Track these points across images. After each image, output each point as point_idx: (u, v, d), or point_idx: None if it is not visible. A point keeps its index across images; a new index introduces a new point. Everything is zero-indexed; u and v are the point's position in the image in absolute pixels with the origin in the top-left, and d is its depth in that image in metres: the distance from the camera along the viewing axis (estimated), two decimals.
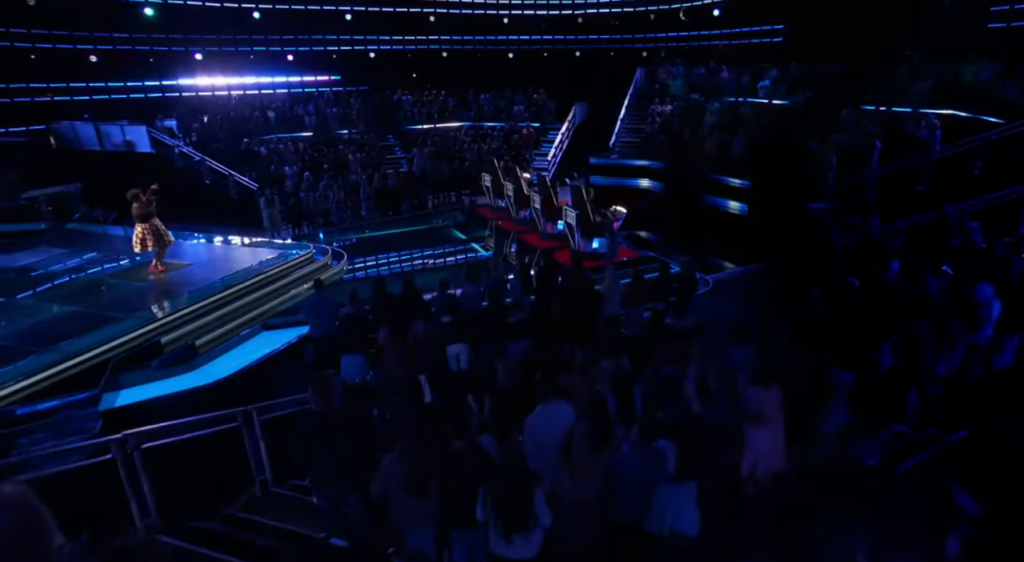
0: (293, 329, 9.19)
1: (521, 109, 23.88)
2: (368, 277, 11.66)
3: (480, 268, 10.58)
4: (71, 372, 7.17)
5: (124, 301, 9.11)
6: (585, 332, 8.44)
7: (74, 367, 7.23)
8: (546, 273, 9.30)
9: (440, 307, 8.47)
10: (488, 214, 15.93)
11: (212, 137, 19.11)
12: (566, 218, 11.96)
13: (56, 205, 14.75)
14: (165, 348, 8.11)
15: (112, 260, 11.08)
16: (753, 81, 21.84)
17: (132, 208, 9.81)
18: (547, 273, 9.30)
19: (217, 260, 11.11)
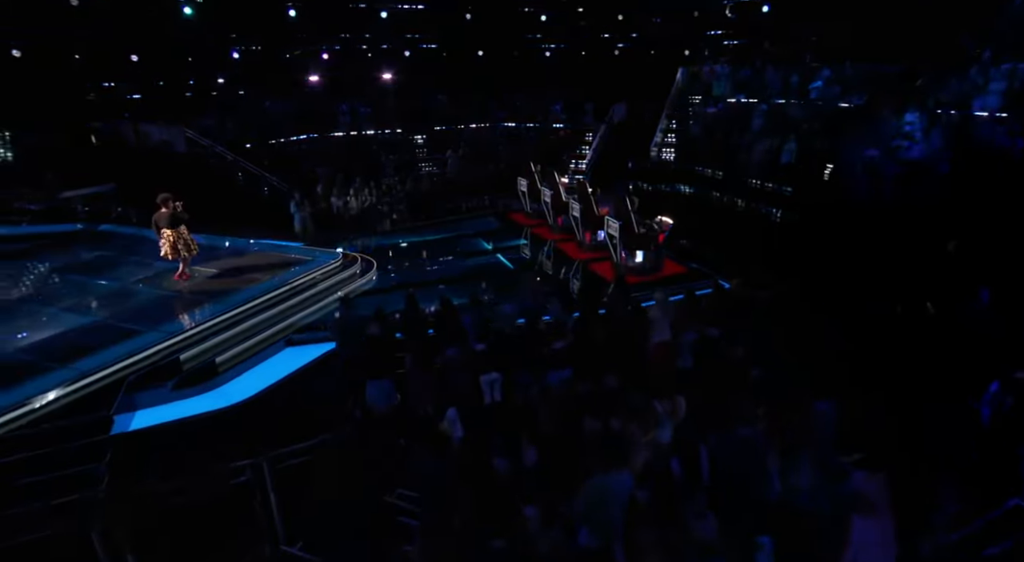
0: (318, 346, 8.72)
1: (558, 109, 23.11)
2: (399, 285, 11.11)
3: (519, 281, 9.95)
4: (85, 392, 6.82)
5: (147, 311, 8.77)
6: (632, 361, 7.74)
7: (89, 386, 6.88)
8: (588, 292, 8.59)
9: (474, 329, 7.87)
10: (523, 221, 15.27)
11: (246, 137, 18.93)
12: (608, 229, 11.21)
13: (92, 205, 14.70)
14: (184, 366, 7.71)
15: (139, 265, 10.81)
16: (803, 81, 20.64)
17: (160, 213, 9.49)
18: (589, 292, 8.58)
19: (244, 268, 10.74)
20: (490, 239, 14.33)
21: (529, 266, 12.53)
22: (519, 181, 15.22)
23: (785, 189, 16.10)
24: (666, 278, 11.21)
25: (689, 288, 10.63)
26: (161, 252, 9.73)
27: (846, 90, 19.13)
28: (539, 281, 8.48)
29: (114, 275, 10.36)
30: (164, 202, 9.50)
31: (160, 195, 9.51)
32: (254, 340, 8.58)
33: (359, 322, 7.51)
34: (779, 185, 16.18)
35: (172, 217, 9.56)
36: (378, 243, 14.01)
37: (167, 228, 9.57)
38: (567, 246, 13.12)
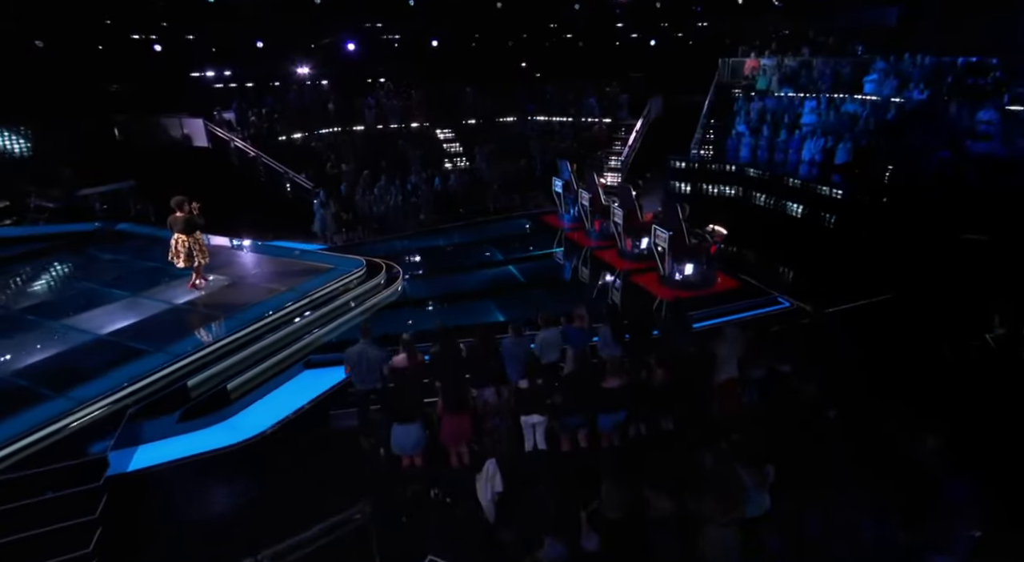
0: (340, 369, 7.93)
1: (593, 102, 21.99)
2: (427, 299, 10.29)
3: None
4: (82, 424, 6.14)
5: (155, 327, 8.09)
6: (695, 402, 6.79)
7: (86, 418, 6.20)
8: (641, 316, 7.63)
9: (514, 362, 6.99)
10: (557, 224, 14.30)
11: (269, 130, 18.28)
12: (655, 239, 10.21)
13: (110, 203, 14.21)
14: (192, 392, 7.00)
15: (152, 273, 10.17)
16: (855, 74, 19.17)
17: (174, 217, 8.82)
18: (642, 316, 7.62)
19: (261, 275, 10.04)
20: (520, 245, 13.43)
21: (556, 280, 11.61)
22: (554, 181, 14.25)
23: (836, 193, 14.87)
24: (718, 294, 10.20)
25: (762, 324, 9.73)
26: (170, 257, 9.10)
27: (904, 84, 17.71)
28: (583, 305, 7.46)
29: (125, 283, 9.72)
30: (179, 206, 8.84)
31: (175, 198, 8.86)
32: (269, 362, 7.84)
33: (381, 356, 6.68)
34: (833, 187, 14.93)
35: (187, 222, 8.90)
36: (404, 247, 13.20)
37: (181, 233, 8.92)
38: (606, 255, 12.14)
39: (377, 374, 6.70)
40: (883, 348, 8.34)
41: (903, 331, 9.04)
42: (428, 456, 6.21)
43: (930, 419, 5.58)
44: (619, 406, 6.33)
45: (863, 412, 7.18)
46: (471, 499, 5.57)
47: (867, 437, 6.46)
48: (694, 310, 9.29)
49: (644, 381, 6.52)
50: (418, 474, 6.06)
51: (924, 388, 7.50)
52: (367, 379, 6.69)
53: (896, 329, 9.17)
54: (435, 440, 6.25)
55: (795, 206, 14.77)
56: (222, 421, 6.85)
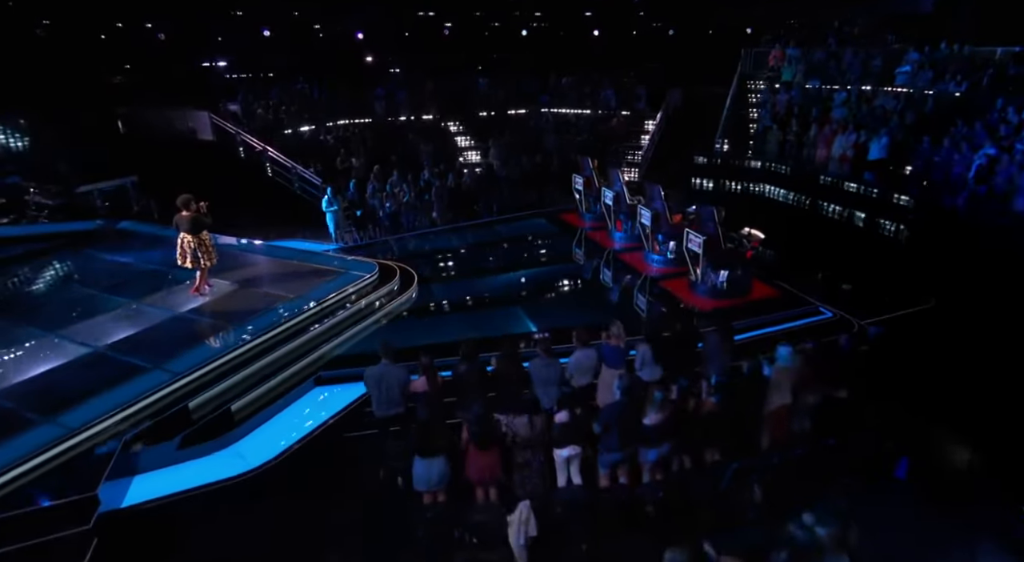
0: (354, 386, 7.36)
1: (610, 94, 21.20)
2: (444, 305, 9.67)
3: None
4: (71, 454, 5.59)
5: (153, 340, 7.52)
6: (743, 433, 6.17)
7: (76, 448, 5.64)
8: (682, 334, 6.97)
9: (543, 383, 6.39)
10: (578, 223, 13.62)
11: (276, 123, 17.66)
12: (688, 244, 9.53)
13: (112, 200, 13.65)
14: (194, 414, 6.44)
15: (153, 277, 9.62)
16: (887, 65, 18.27)
17: (180, 216, 8.29)
18: (683, 333, 6.97)
19: (267, 280, 9.44)
20: (541, 246, 12.80)
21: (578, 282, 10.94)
22: (574, 178, 13.56)
23: (872, 191, 14.10)
24: (754, 303, 9.53)
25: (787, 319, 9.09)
26: (178, 258, 8.57)
27: (940, 76, 16.83)
28: (618, 321, 6.83)
29: (125, 288, 9.16)
30: (185, 204, 8.29)
31: (180, 197, 8.30)
32: (277, 379, 7.25)
33: (402, 377, 6.10)
34: (867, 186, 14.17)
35: (193, 221, 8.34)
36: (418, 247, 12.58)
37: (187, 234, 8.37)
38: (632, 258, 11.46)
39: (399, 399, 6.12)
40: (928, 363, 7.71)
41: (948, 344, 8.39)
42: (452, 491, 5.64)
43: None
44: (665, 439, 5.72)
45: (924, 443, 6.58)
46: (501, 543, 5.01)
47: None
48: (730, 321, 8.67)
49: (692, 411, 5.89)
50: (441, 512, 5.49)
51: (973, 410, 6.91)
52: (388, 404, 6.11)
53: (941, 342, 8.52)
54: (460, 473, 5.67)
55: (829, 206, 14.00)
56: (226, 447, 6.29)
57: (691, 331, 7.03)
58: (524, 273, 11.01)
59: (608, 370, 6.69)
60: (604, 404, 6.54)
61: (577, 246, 12.60)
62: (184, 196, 8.30)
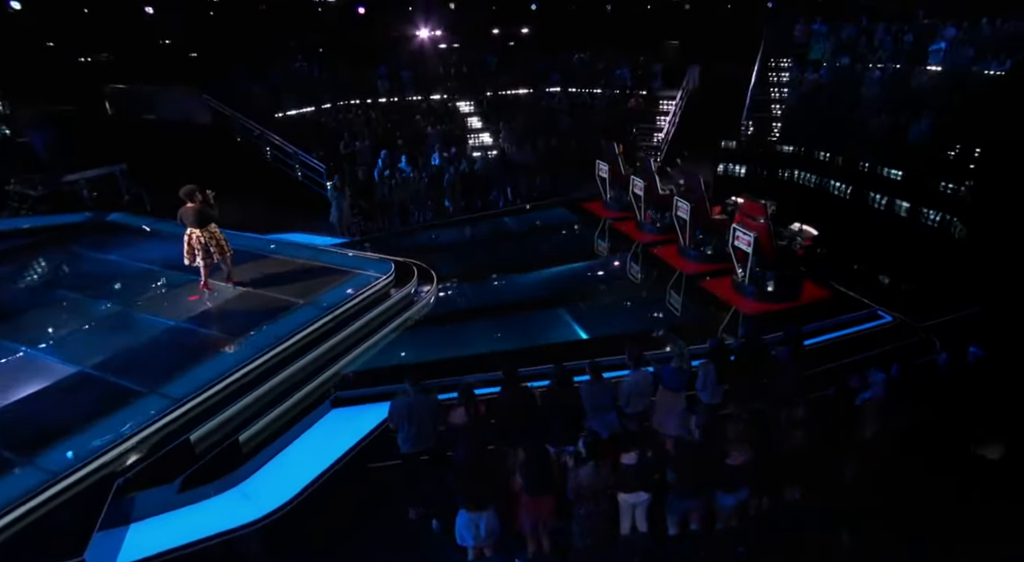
0: (377, 406, 6.55)
1: (625, 73, 20.07)
2: (465, 311, 8.81)
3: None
4: (52, 505, 4.77)
5: (148, 356, 6.67)
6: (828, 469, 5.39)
7: (59, 496, 4.83)
8: (749, 353, 6.15)
9: (596, 410, 5.60)
10: (602, 213, 12.72)
11: (275, 104, 16.56)
12: (735, 241, 8.66)
13: (100, 190, 12.66)
14: (197, 448, 5.62)
15: (147, 278, 8.72)
16: (919, 42, 17.20)
17: (185, 209, 7.49)
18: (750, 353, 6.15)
19: (273, 284, 8.53)
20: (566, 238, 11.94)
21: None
22: (598, 165, 12.61)
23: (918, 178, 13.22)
24: (807, 306, 8.71)
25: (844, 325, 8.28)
26: (186, 259, 7.78)
27: (981, 54, 15.79)
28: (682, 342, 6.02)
29: (115, 292, 8.27)
30: (189, 196, 7.48)
31: (183, 188, 7.50)
32: (290, 402, 6.43)
33: (432, 408, 5.28)
34: (908, 171, 13.29)
35: (199, 214, 7.54)
36: (432, 241, 11.68)
37: (195, 227, 7.57)
38: (664, 252, 10.61)
39: (431, 433, 5.31)
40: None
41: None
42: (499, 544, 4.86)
43: None
44: (746, 482, 4.94)
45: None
46: None
47: None
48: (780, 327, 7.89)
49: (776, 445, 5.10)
50: None
51: None
52: (419, 439, 5.30)
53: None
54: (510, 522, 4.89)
55: (872, 194, 13.11)
56: (234, 486, 5.49)
57: (758, 345, 6.19)
58: (556, 270, 10.12)
59: (666, 392, 5.92)
60: (662, 428, 5.83)
61: (601, 238, 11.73)
62: (188, 187, 7.50)
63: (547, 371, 6.67)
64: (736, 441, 4.82)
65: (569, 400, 5.65)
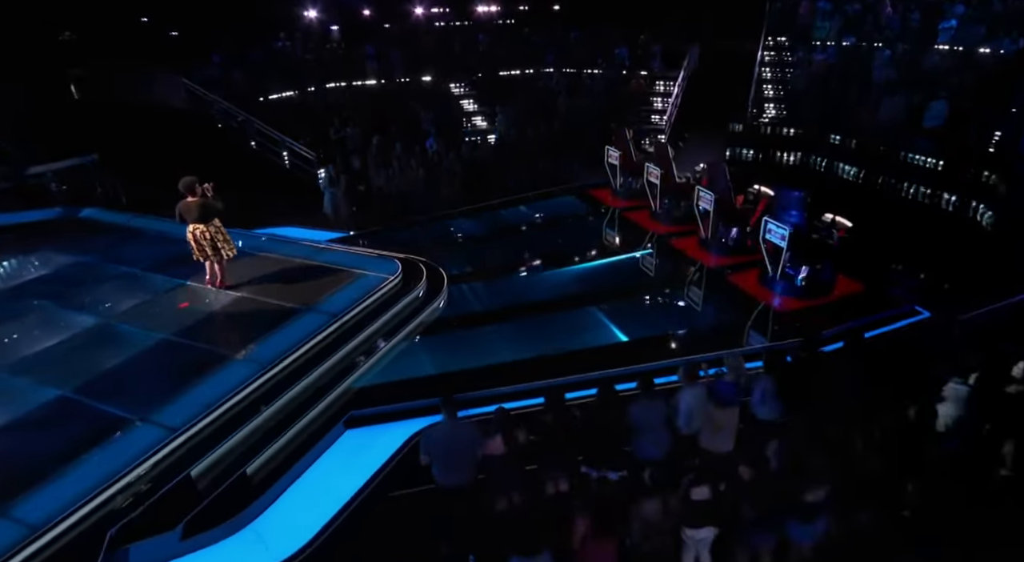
0: (397, 426, 5.95)
1: (624, 53, 19.30)
2: (489, 312, 8.16)
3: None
4: None
5: (136, 376, 5.95)
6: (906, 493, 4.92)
7: (43, 552, 4.15)
8: (808, 362, 5.64)
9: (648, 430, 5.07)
10: (611, 201, 12.11)
11: (258, 88, 15.53)
12: (767, 234, 8.13)
13: (70, 183, 11.66)
14: (199, 484, 4.96)
15: (128, 281, 7.92)
16: (927, 20, 16.73)
17: (186, 202, 6.91)
18: (809, 362, 5.63)
19: (271, 287, 7.78)
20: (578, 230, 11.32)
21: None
22: (607, 151, 11.96)
23: (927, 161, 12.84)
24: (840, 301, 8.26)
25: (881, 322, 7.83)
26: (199, 257, 7.23)
27: (993, 32, 15.37)
28: (738, 356, 5.49)
29: (93, 300, 7.46)
30: (189, 188, 6.89)
31: (183, 180, 6.91)
32: (300, 424, 5.78)
33: (470, 437, 4.69)
34: (924, 156, 12.89)
35: (203, 208, 6.94)
36: (436, 234, 10.96)
37: (198, 223, 6.97)
38: (685, 245, 10.06)
39: (469, 465, 4.72)
40: None
41: None
42: None
43: None
44: (824, 512, 4.45)
45: None
46: None
47: None
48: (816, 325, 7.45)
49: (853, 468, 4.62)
50: None
51: None
52: (455, 473, 4.70)
53: None
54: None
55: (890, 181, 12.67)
56: (243, 527, 4.85)
57: (817, 354, 5.68)
58: (575, 265, 9.53)
59: (717, 408, 5.40)
60: (713, 447, 5.33)
61: (616, 229, 11.14)
62: (187, 179, 6.92)
63: (579, 380, 6.22)
64: (818, 469, 4.30)
65: (615, 419, 5.12)
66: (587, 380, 6.04)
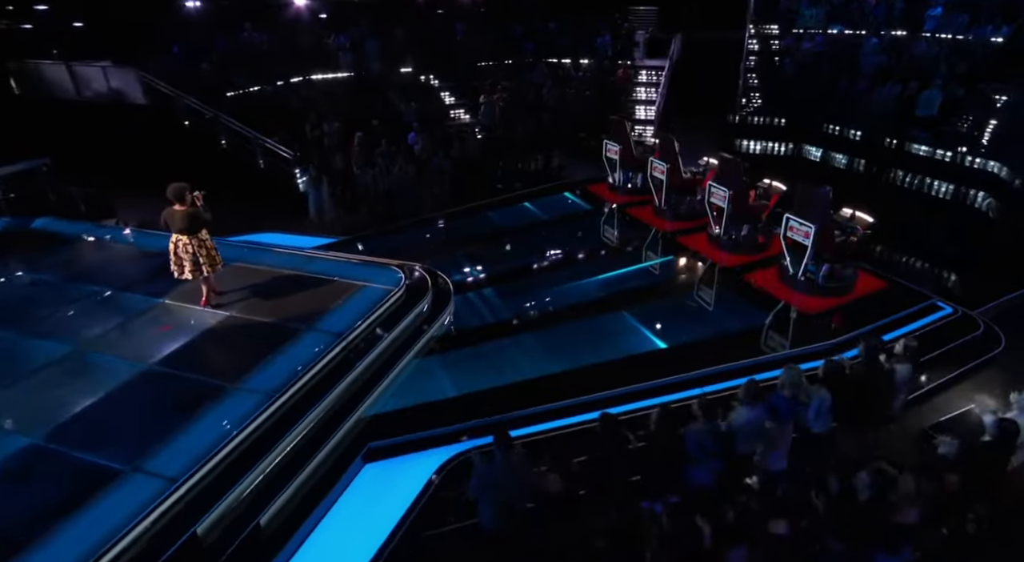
0: (422, 456, 5.36)
1: (607, 41, 18.81)
2: (504, 322, 7.58)
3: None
4: None
5: (118, 416, 5.19)
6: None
7: None
8: (866, 375, 5.26)
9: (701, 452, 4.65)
10: (610, 197, 11.65)
11: (225, 82, 14.48)
12: (791, 233, 7.77)
13: (19, 190, 10.54)
14: (206, 542, 4.29)
15: (96, 304, 7.04)
16: (910, 7, 16.76)
17: (172, 211, 6.16)
18: (868, 375, 5.25)
19: (262, 303, 7.02)
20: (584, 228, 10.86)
21: None
22: (606, 145, 11.47)
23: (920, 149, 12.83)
24: (865, 299, 7.99)
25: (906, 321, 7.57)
26: (176, 272, 6.47)
27: (976, 19, 15.46)
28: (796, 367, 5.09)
29: (58, 325, 6.59)
30: (178, 196, 6.15)
31: (172, 187, 6.16)
32: (314, 462, 5.13)
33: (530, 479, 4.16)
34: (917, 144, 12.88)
35: (191, 218, 6.20)
36: (432, 238, 10.32)
37: (183, 234, 6.24)
38: (694, 242, 9.67)
39: (521, 505, 4.19)
40: None
41: None
42: None
43: None
44: (910, 541, 4.09)
45: None
46: None
47: None
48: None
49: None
50: None
51: None
52: (507, 514, 4.16)
53: None
54: None
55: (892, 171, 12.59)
56: None
57: (875, 365, 5.32)
58: (585, 267, 9.05)
59: (775, 425, 5.01)
60: (766, 464, 4.96)
61: (620, 227, 10.70)
62: (176, 185, 6.16)
63: (625, 393, 5.78)
64: (910, 497, 3.93)
65: (671, 445, 4.67)
66: (632, 392, 5.60)
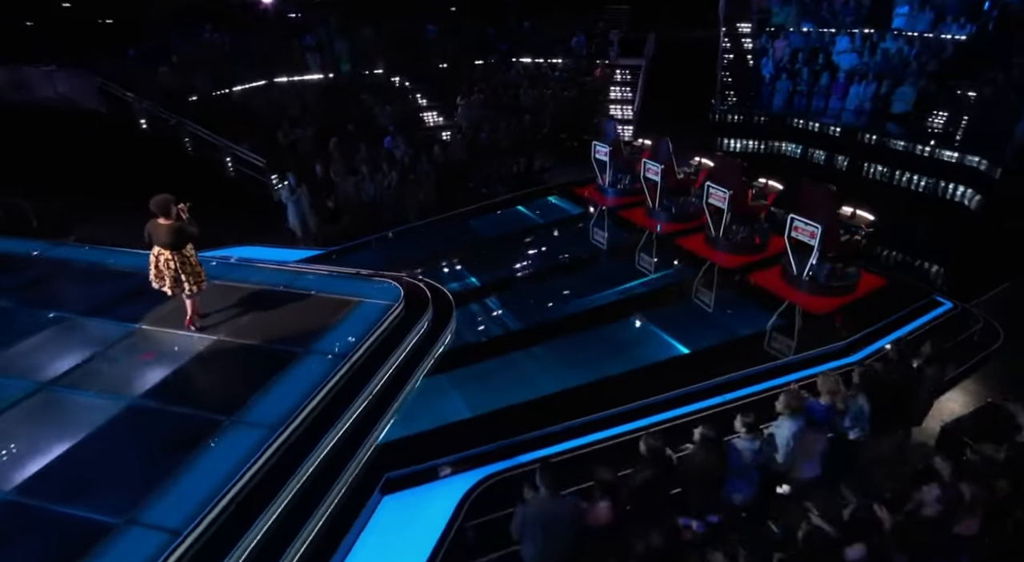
0: (445, 483, 4.99)
1: (582, 41, 18.67)
2: (515, 336, 7.24)
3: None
4: None
5: (104, 463, 4.63)
6: None
7: None
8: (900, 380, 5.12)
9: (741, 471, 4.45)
10: (599, 199, 11.45)
11: (187, 86, 13.69)
12: (796, 233, 7.69)
13: None
14: None
15: (63, 332, 6.38)
16: (877, 6, 17.17)
17: (156, 224, 5.69)
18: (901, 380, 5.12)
19: (251, 324, 6.49)
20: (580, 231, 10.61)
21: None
22: (594, 147, 11.26)
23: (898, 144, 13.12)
24: (863, 298, 7.97)
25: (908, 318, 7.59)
26: (156, 284, 5.96)
27: (941, 17, 15.91)
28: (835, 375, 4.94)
29: (19, 357, 5.93)
30: (163, 209, 5.68)
31: (156, 199, 5.69)
32: (330, 500, 4.69)
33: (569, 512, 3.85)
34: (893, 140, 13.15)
35: (177, 232, 5.73)
36: (423, 248, 9.88)
37: (166, 249, 5.76)
38: (692, 244, 9.53)
39: (568, 543, 3.87)
40: None
41: None
42: None
43: None
44: (968, 551, 3.96)
45: None
46: None
47: None
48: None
49: None
50: None
51: None
52: (552, 554, 3.84)
53: None
54: None
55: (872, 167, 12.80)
56: None
57: (908, 369, 5.20)
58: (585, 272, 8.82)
59: (812, 433, 4.86)
60: (798, 473, 4.82)
61: (614, 229, 10.50)
62: (161, 197, 5.69)
63: (654, 402, 5.55)
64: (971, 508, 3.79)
65: (714, 463, 4.45)
66: (666, 400, 5.40)
